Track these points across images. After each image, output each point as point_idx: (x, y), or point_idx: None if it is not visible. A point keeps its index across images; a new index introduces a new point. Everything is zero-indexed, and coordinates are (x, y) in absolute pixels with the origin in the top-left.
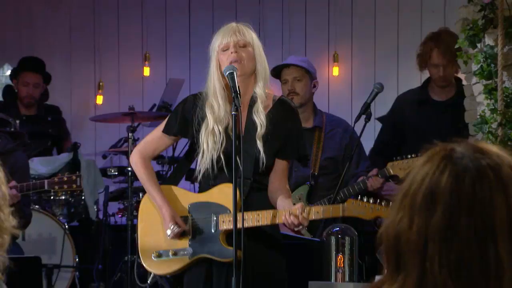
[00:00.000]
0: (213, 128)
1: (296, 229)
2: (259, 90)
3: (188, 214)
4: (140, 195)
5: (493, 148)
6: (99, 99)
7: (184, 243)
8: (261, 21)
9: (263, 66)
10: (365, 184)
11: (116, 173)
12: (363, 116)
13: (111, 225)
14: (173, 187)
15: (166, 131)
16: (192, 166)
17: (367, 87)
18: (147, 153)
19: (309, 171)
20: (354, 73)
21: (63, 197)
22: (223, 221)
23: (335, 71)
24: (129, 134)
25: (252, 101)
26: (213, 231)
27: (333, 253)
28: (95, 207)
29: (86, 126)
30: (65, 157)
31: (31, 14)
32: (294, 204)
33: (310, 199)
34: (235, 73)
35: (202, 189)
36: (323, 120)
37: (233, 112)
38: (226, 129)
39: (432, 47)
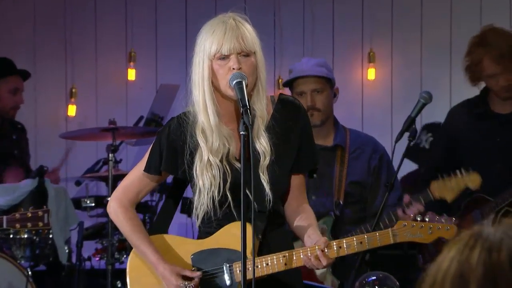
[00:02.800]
0: (208, 159)
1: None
2: (260, 106)
3: (192, 268)
4: None
5: None
6: (71, 110)
7: None
8: (277, 11)
9: (265, 75)
10: (395, 215)
11: (93, 204)
12: (406, 134)
13: (86, 270)
14: (166, 236)
15: (148, 169)
16: (187, 193)
17: (412, 95)
18: (128, 199)
19: (331, 199)
20: (395, 76)
21: (26, 236)
22: (240, 270)
23: (371, 74)
24: (110, 155)
25: (252, 122)
26: (228, 283)
27: None
28: (66, 247)
29: (54, 145)
30: (28, 184)
31: None
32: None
33: (335, 234)
34: (244, 82)
35: (202, 236)
36: (347, 137)
37: (242, 132)
38: (227, 158)
39: (481, 55)
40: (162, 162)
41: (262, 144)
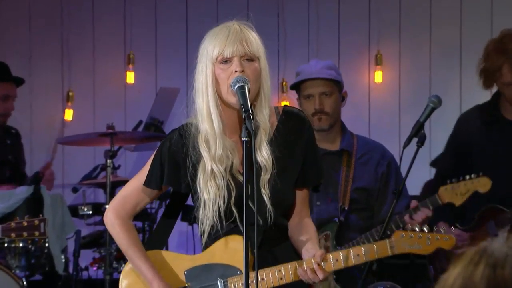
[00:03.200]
0: (212, 169)
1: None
2: (263, 117)
3: (186, 284)
4: None
5: None
6: (68, 114)
7: None
8: (281, 11)
9: (269, 84)
10: (402, 221)
11: (90, 212)
12: (415, 139)
13: (83, 280)
14: (163, 252)
15: (148, 183)
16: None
17: (420, 98)
18: (126, 211)
19: (335, 205)
20: (403, 79)
21: (21, 245)
22: (235, 286)
23: (378, 76)
24: (108, 160)
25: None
26: None
27: None
28: (62, 257)
29: (51, 150)
30: (23, 191)
31: None
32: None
33: (339, 241)
34: (246, 87)
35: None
36: (354, 142)
37: (244, 138)
38: (231, 171)
39: (501, 62)
40: (164, 176)
41: (264, 157)
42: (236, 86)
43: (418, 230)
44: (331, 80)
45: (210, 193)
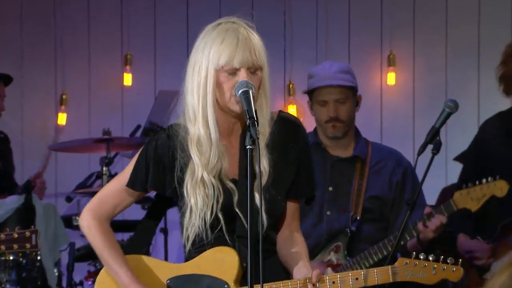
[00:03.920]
0: (202, 176)
1: None
2: (263, 121)
3: None
4: None
5: None
6: (62, 119)
7: None
8: (287, 10)
9: (268, 87)
10: (416, 230)
11: None
12: (430, 146)
13: None
14: (144, 257)
15: (131, 184)
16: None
17: (435, 102)
18: (103, 212)
19: (347, 215)
20: (417, 82)
21: (12, 258)
22: None
23: (391, 78)
24: (103, 168)
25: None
26: None
27: None
28: (55, 270)
29: (42, 157)
30: (14, 201)
31: None
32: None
33: (350, 252)
34: (251, 92)
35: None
36: (368, 149)
37: (248, 146)
38: (219, 176)
39: None
40: (149, 178)
41: (262, 164)
42: (241, 91)
43: (422, 258)
44: (346, 86)
45: (198, 200)
